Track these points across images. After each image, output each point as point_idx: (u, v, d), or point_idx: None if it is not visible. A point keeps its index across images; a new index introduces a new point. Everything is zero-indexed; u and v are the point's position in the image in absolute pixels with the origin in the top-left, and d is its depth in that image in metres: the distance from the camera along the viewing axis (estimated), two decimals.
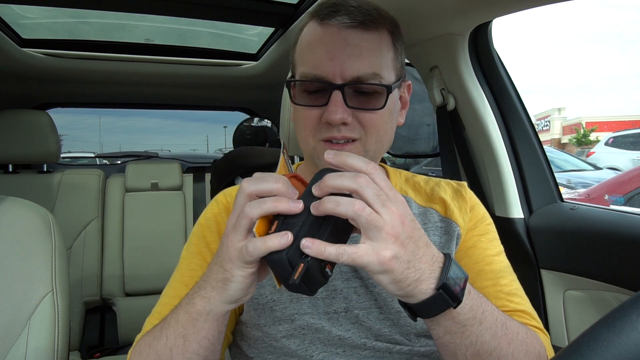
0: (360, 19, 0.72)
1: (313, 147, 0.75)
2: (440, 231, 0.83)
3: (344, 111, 0.70)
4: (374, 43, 0.74)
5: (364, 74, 0.71)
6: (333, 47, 0.72)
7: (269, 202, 0.52)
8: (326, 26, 0.74)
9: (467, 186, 0.91)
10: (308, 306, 0.74)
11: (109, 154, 3.61)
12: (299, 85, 0.75)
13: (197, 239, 0.81)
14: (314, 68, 0.73)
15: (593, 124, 26.66)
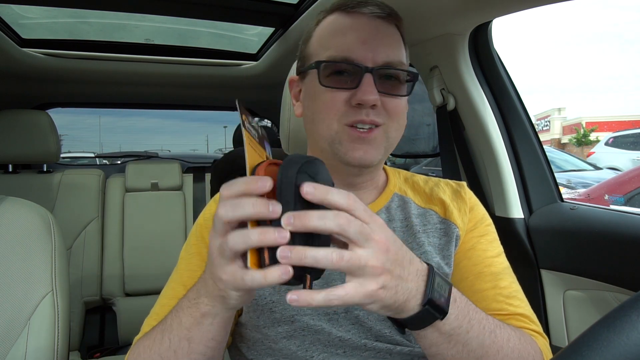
0: (388, 12, 0.77)
1: (336, 132, 0.75)
2: (439, 233, 0.83)
3: (376, 93, 0.72)
4: (397, 36, 0.79)
5: (393, 60, 0.75)
6: (365, 32, 0.74)
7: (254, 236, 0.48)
8: (355, 14, 0.76)
9: (467, 186, 0.91)
10: (305, 311, 0.73)
11: (109, 154, 3.62)
12: (324, 68, 0.75)
13: (195, 239, 0.81)
14: (345, 51, 0.74)
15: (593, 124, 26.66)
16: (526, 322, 0.77)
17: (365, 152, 0.74)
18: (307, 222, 0.47)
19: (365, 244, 0.49)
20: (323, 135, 0.77)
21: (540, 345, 0.73)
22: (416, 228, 0.82)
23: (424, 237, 0.81)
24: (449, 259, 0.81)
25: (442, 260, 0.80)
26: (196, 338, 0.60)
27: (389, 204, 0.84)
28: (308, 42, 0.82)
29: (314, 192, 0.48)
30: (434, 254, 0.80)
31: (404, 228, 0.82)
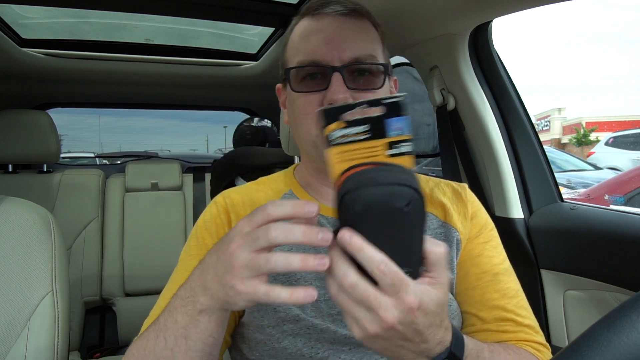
0: (352, 7, 0.77)
1: (316, 135, 0.75)
2: (439, 238, 0.82)
3: (345, 91, 0.72)
4: (366, 30, 0.78)
5: (361, 55, 0.74)
6: (329, 32, 0.75)
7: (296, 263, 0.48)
8: (319, 16, 0.77)
9: (468, 187, 0.91)
10: (311, 309, 0.73)
11: (109, 154, 3.61)
12: (295, 74, 0.76)
13: (195, 241, 0.81)
14: (311, 54, 0.74)
15: (593, 124, 26.66)
16: (532, 334, 0.77)
17: None
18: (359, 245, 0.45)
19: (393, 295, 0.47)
20: (305, 140, 0.78)
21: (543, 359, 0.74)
22: None
23: None
24: (452, 264, 0.81)
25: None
26: (193, 336, 0.59)
27: None
28: (285, 49, 0.83)
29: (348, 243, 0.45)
30: None
31: None
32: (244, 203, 0.83)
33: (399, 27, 1.29)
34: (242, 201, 0.83)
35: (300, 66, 0.75)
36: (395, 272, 0.45)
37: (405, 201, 0.43)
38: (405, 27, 1.29)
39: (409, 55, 1.49)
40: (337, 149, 0.45)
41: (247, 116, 2.83)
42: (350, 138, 0.45)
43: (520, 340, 0.76)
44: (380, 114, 0.45)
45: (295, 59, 0.77)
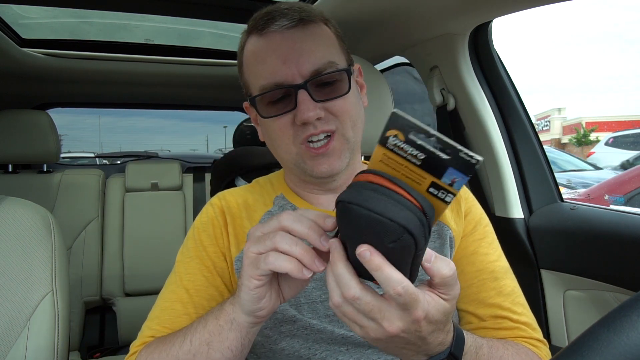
0: (297, 17, 0.74)
1: (296, 153, 0.75)
2: (434, 235, 0.82)
3: (315, 107, 0.71)
4: (318, 36, 0.76)
5: (320, 65, 0.73)
6: (282, 50, 0.73)
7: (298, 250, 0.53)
8: (267, 34, 0.74)
9: (466, 186, 0.91)
10: (307, 311, 0.73)
11: (109, 154, 3.61)
12: (261, 100, 0.75)
13: (193, 242, 0.81)
14: (270, 77, 0.73)
15: (593, 124, 26.65)
16: (528, 330, 0.77)
17: (330, 164, 0.75)
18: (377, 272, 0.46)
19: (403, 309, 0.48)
20: (286, 159, 0.78)
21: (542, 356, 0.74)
22: None
23: None
24: None
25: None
26: (215, 344, 0.61)
27: None
28: (242, 70, 0.81)
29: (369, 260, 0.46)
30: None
31: None
32: (239, 205, 0.83)
33: (399, 27, 1.29)
34: (237, 203, 0.84)
35: (263, 92, 0.74)
36: (410, 294, 0.46)
37: (392, 239, 0.43)
38: (405, 27, 1.29)
39: (409, 55, 1.48)
40: (386, 152, 0.45)
41: (247, 116, 2.82)
42: (402, 153, 0.44)
43: (518, 337, 0.76)
44: (447, 159, 0.44)
45: (257, 83, 0.75)
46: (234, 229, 0.80)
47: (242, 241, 0.79)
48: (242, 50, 0.80)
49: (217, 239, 0.80)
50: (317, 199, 0.83)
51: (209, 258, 0.78)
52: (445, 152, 0.44)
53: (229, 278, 0.78)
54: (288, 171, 0.85)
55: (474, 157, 0.43)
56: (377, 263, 0.45)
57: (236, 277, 0.77)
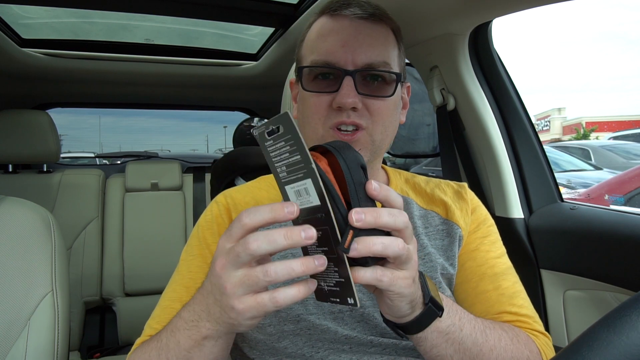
0: (371, 12, 0.77)
1: (322, 135, 0.76)
2: (442, 234, 0.84)
3: (355, 96, 0.72)
4: (383, 35, 0.78)
5: (375, 61, 0.74)
6: (345, 35, 0.75)
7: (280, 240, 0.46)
8: (338, 17, 0.77)
9: (468, 187, 0.91)
10: (313, 307, 0.73)
11: (109, 154, 3.61)
12: (308, 72, 0.77)
13: (197, 240, 0.81)
14: (325, 55, 0.75)
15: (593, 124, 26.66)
16: (529, 322, 0.77)
17: None
18: (379, 219, 0.47)
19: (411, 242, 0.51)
20: (311, 138, 0.78)
21: (540, 345, 0.73)
22: (418, 230, 0.82)
23: (426, 239, 0.82)
24: (453, 259, 0.82)
25: (446, 261, 0.81)
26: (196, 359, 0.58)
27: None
28: (301, 45, 0.83)
29: (379, 190, 0.49)
30: (437, 255, 0.80)
31: None
32: (247, 202, 0.83)
33: None
34: (245, 200, 0.83)
35: (313, 66, 0.76)
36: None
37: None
38: (406, 27, 1.28)
39: (409, 55, 1.48)
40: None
41: (247, 116, 2.83)
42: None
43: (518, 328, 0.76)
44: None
45: (310, 57, 0.78)
46: None
47: None
48: (308, 27, 0.82)
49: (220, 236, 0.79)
50: None
51: (211, 256, 0.77)
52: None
53: None
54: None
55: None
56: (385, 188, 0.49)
57: None
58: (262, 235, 0.46)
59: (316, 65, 0.75)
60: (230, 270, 0.48)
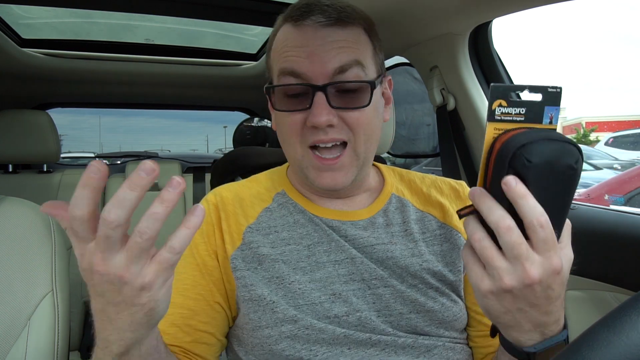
0: (335, 17, 0.72)
1: (302, 156, 0.74)
2: (439, 239, 0.81)
3: (329, 112, 0.69)
4: (352, 37, 0.73)
5: (345, 63, 0.70)
6: (310, 46, 0.71)
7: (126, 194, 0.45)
8: (301, 27, 0.72)
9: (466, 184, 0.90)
10: (307, 313, 0.72)
11: (109, 154, 3.61)
12: (278, 90, 0.73)
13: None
14: (291, 69, 0.71)
15: (593, 124, 26.67)
16: None
17: (333, 178, 0.73)
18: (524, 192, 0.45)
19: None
20: (292, 158, 0.76)
21: None
22: (416, 236, 0.80)
23: (423, 246, 0.79)
24: (453, 265, 0.79)
25: (444, 267, 0.78)
26: None
27: (386, 207, 0.82)
28: (269, 53, 0.79)
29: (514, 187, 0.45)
30: (436, 262, 0.78)
31: (403, 233, 0.80)
32: (232, 200, 0.81)
33: (399, 27, 1.29)
34: (231, 198, 0.82)
35: (280, 85, 0.72)
36: (551, 229, 0.46)
37: (575, 159, 0.46)
38: (406, 27, 1.29)
39: (409, 55, 1.48)
40: (496, 124, 0.49)
41: (247, 116, 2.83)
42: (509, 117, 0.49)
43: None
44: (541, 101, 0.48)
45: (277, 71, 0.74)
46: (228, 227, 0.78)
47: (237, 239, 0.77)
48: (274, 35, 0.78)
49: (209, 237, 0.78)
50: (321, 201, 0.82)
51: (199, 256, 0.76)
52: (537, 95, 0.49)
53: (220, 277, 0.76)
54: (292, 169, 0.83)
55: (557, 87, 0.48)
56: (522, 190, 0.45)
57: (231, 276, 0.75)
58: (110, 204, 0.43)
59: (284, 84, 0.71)
60: (112, 258, 0.45)
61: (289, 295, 0.72)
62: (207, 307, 0.74)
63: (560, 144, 0.46)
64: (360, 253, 0.76)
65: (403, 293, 0.74)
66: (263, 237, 0.77)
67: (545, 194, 0.46)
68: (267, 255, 0.75)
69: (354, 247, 0.76)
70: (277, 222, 0.79)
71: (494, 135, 0.49)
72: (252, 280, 0.73)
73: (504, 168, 0.47)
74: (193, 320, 0.73)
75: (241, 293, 0.73)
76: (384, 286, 0.74)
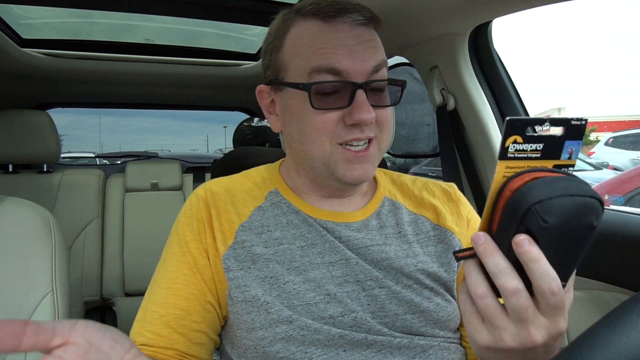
0: (370, 16, 0.73)
1: (330, 153, 0.72)
2: (433, 240, 0.81)
3: (371, 110, 0.69)
4: (377, 38, 0.75)
5: (379, 63, 0.72)
6: (349, 44, 0.70)
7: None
8: (336, 24, 0.71)
9: (466, 186, 0.90)
10: (302, 313, 0.71)
11: (109, 154, 3.61)
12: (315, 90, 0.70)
13: (176, 237, 0.79)
14: (329, 61, 0.69)
15: (593, 124, 26.66)
16: None
17: (365, 170, 0.73)
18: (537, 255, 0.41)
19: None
20: (315, 156, 0.74)
21: None
22: (410, 237, 0.80)
23: (417, 247, 0.79)
24: (448, 266, 0.79)
25: (440, 268, 0.78)
26: None
27: (379, 209, 0.82)
28: (279, 50, 0.77)
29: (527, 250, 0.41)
30: (431, 263, 0.78)
31: (397, 235, 0.80)
32: (224, 196, 0.80)
33: (399, 27, 1.29)
34: (222, 193, 0.80)
35: (325, 81, 0.69)
36: (562, 294, 0.42)
37: (596, 215, 0.42)
38: (405, 27, 1.29)
39: (409, 55, 1.48)
40: (508, 162, 0.44)
41: (247, 116, 2.83)
42: (524, 155, 0.44)
43: None
44: (562, 135, 0.43)
45: (307, 65, 0.70)
46: (219, 225, 0.76)
47: (229, 237, 0.75)
48: (286, 31, 0.76)
49: (199, 234, 0.76)
50: (317, 201, 0.81)
51: (190, 254, 0.75)
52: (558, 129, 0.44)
53: (211, 276, 0.74)
54: (303, 169, 0.80)
55: (582, 119, 0.43)
56: (536, 254, 0.41)
57: (222, 275, 0.73)
58: None
59: (328, 81, 0.69)
60: None
61: (283, 295, 0.71)
62: (199, 307, 0.73)
63: (582, 199, 0.41)
64: (355, 254, 0.75)
65: (398, 294, 0.74)
66: (256, 236, 0.75)
67: (558, 252, 0.42)
68: (261, 254, 0.74)
69: (349, 248, 0.76)
70: (270, 221, 0.78)
71: (504, 175, 0.44)
72: (245, 280, 0.72)
73: (514, 222, 0.42)
74: (186, 321, 0.72)
75: (234, 294, 0.72)
76: (379, 287, 0.74)
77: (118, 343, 0.52)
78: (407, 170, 6.79)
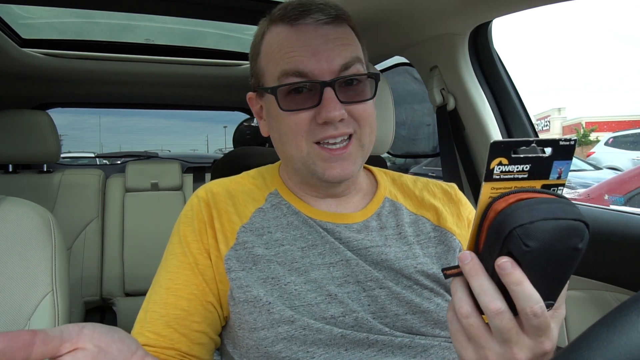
0: (334, 14, 0.73)
1: (307, 153, 0.73)
2: (434, 241, 0.81)
3: (340, 107, 0.70)
4: (349, 35, 0.75)
5: (349, 59, 0.71)
6: (313, 44, 0.71)
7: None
8: (300, 26, 0.72)
9: (467, 187, 0.90)
10: (303, 313, 0.71)
11: (109, 154, 3.61)
12: (280, 91, 0.72)
13: (177, 238, 0.79)
14: (295, 64, 0.70)
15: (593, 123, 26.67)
16: None
17: (343, 169, 0.73)
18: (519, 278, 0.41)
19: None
20: (294, 156, 0.75)
21: None
22: (410, 238, 0.80)
23: (418, 248, 0.79)
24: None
25: (440, 269, 0.78)
26: None
27: (380, 210, 0.82)
28: (257, 57, 0.79)
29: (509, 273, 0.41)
30: (430, 264, 0.78)
31: (397, 236, 0.80)
32: (224, 197, 0.80)
33: (399, 27, 1.29)
34: (223, 194, 0.81)
35: (288, 84, 0.71)
36: (546, 316, 0.42)
37: (581, 238, 0.42)
38: (405, 27, 1.29)
39: (409, 55, 1.49)
40: (493, 184, 0.43)
41: (247, 116, 2.83)
42: (510, 176, 0.43)
43: None
44: (550, 155, 0.43)
45: (277, 70, 0.72)
46: (221, 226, 0.77)
47: (230, 238, 0.76)
48: (260, 38, 0.78)
49: (201, 235, 0.77)
50: (314, 202, 0.81)
51: (191, 254, 0.76)
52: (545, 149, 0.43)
53: (213, 276, 0.75)
54: (291, 170, 0.82)
55: (570, 139, 0.43)
56: (518, 277, 0.41)
57: (224, 276, 0.74)
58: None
59: (291, 83, 0.71)
60: None
61: (284, 296, 0.71)
62: (200, 307, 0.73)
63: (565, 222, 0.41)
64: (355, 255, 0.76)
65: (398, 294, 0.74)
66: (257, 238, 0.76)
67: (543, 274, 0.42)
68: (262, 255, 0.74)
69: (349, 249, 0.76)
70: (271, 222, 0.78)
71: (490, 195, 0.44)
72: (247, 281, 0.72)
73: (498, 244, 0.42)
74: (187, 321, 0.72)
75: (236, 294, 0.72)
76: (379, 288, 0.74)
77: (125, 345, 0.52)
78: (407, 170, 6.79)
